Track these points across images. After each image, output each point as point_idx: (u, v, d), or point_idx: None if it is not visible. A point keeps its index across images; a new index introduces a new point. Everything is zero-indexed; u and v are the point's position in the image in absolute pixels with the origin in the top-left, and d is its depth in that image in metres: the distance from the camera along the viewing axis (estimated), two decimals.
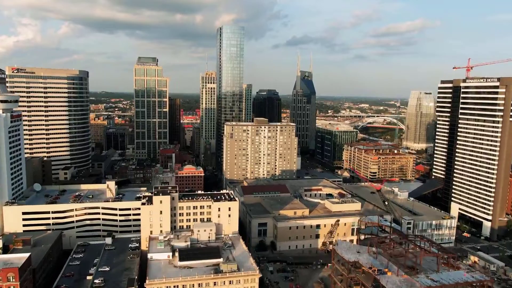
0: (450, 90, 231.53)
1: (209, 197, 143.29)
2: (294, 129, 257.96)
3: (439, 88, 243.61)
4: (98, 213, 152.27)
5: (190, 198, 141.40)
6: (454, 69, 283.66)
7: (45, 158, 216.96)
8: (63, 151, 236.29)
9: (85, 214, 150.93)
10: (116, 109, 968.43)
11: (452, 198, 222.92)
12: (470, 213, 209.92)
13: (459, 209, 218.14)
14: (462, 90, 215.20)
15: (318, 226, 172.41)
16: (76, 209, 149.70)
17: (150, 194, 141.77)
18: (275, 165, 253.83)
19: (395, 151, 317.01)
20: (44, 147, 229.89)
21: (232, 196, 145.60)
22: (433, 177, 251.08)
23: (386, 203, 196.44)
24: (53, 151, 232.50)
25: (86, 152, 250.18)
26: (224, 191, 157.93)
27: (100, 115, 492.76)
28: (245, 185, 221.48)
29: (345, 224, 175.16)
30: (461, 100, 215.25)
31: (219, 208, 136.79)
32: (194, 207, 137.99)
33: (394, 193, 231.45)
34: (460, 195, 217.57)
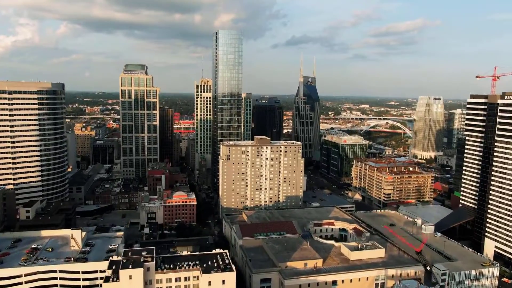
0: (484, 107, 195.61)
1: (197, 263, 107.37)
2: (300, 148, 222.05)
3: (469, 103, 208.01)
4: (56, 278, 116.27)
5: (171, 266, 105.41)
6: (477, 78, 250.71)
7: (7, 189, 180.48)
8: (33, 177, 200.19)
9: (38, 280, 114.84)
10: (112, 112, 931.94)
11: (486, 234, 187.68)
12: (511, 253, 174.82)
13: (496, 247, 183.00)
14: (500, 108, 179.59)
15: (334, 283, 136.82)
16: (24, 274, 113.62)
17: (118, 258, 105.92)
18: (279, 191, 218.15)
19: (411, 169, 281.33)
20: (10, 175, 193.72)
21: (227, 262, 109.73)
22: (460, 205, 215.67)
23: (428, 267, 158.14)
24: (21, 179, 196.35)
25: (61, 176, 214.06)
26: (217, 251, 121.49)
27: (89, 124, 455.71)
28: (244, 219, 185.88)
29: (367, 278, 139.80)
30: (498, 120, 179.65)
31: (209, 282, 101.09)
32: (176, 279, 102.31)
33: (416, 226, 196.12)
34: (496, 230, 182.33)
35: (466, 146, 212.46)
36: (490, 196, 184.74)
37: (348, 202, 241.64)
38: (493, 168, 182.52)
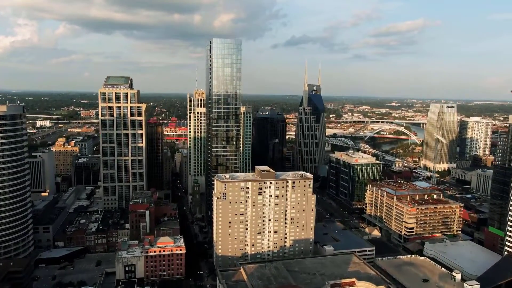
0: None
1: None
2: (311, 182, 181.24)
3: None
4: None
5: None
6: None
7: None
8: None
9: None
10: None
11: None
12: None
13: None
14: None
15: None
16: None
17: None
18: (285, 234, 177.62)
19: (435, 196, 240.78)
20: None
21: None
22: (506, 252, 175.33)
23: None
24: None
25: (22, 218, 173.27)
26: None
27: (75, 137, 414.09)
28: (243, 277, 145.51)
29: None
30: None
31: None
32: None
33: (455, 281, 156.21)
34: None
35: None
36: None
37: (366, 243, 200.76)
38: None
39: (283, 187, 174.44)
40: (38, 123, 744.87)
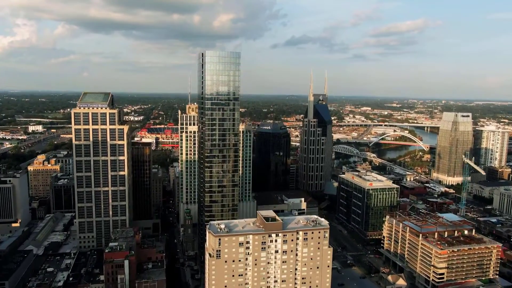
0: None
1: None
2: (327, 232, 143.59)
3: None
4: None
5: None
6: None
7: None
8: None
9: None
10: None
11: None
12: None
13: None
14: None
15: None
16: None
17: None
18: None
19: (466, 232, 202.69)
20: None
21: None
22: None
23: None
24: None
25: None
26: None
27: (58, 152, 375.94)
28: None
29: None
30: None
31: None
32: None
33: None
34: None
35: None
36: None
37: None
38: None
39: (292, 240, 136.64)
40: (30, 128, 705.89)
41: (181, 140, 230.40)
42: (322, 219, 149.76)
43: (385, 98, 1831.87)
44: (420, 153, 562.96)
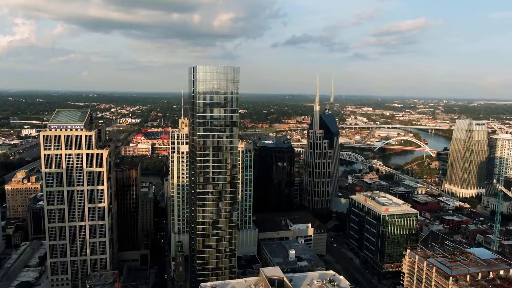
0: None
1: None
2: None
3: None
4: None
5: None
6: None
7: None
8: None
9: None
10: (100, 122, 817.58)
11: None
12: None
13: None
14: None
15: None
16: None
17: None
18: None
19: (501, 272, 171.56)
20: None
21: None
22: None
23: None
24: None
25: None
26: None
27: (35, 171, 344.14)
28: None
29: None
30: None
31: None
32: None
33: None
34: None
35: None
36: None
37: None
38: None
39: None
40: (23, 132, 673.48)
41: (172, 161, 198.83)
42: (341, 277, 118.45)
43: (386, 98, 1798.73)
44: (428, 159, 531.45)
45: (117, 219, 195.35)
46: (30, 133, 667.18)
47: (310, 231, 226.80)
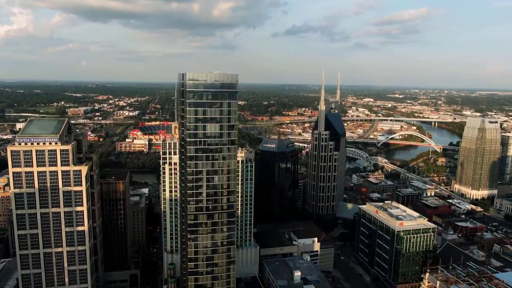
0: None
1: None
2: None
3: None
4: None
5: None
6: None
7: None
8: None
9: None
10: (98, 114, 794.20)
11: None
12: None
13: None
14: None
15: None
16: None
17: None
18: None
19: None
20: None
21: None
22: None
23: None
24: None
25: None
26: None
27: None
28: None
29: None
30: None
31: None
32: None
33: None
34: None
35: None
36: None
37: None
38: None
39: None
40: (18, 126, 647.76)
41: (164, 173, 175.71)
42: None
43: (387, 88, 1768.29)
44: (433, 155, 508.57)
45: (102, 237, 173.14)
46: None
47: (316, 246, 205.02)
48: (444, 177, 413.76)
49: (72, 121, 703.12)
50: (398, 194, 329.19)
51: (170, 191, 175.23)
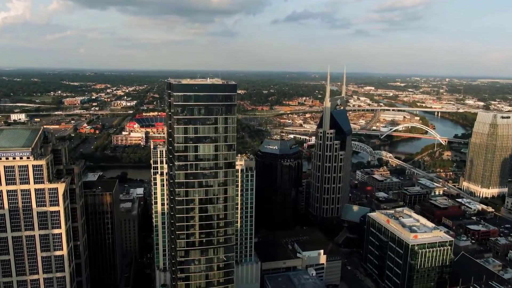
0: None
1: None
2: None
3: None
4: None
5: None
6: None
7: None
8: None
9: None
10: (95, 104, 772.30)
11: None
12: None
13: None
14: None
15: None
16: None
17: None
18: None
19: None
20: None
21: None
22: None
23: None
24: None
25: None
26: None
27: None
28: None
29: None
30: None
31: None
32: None
33: None
34: None
35: None
36: None
37: None
38: None
39: None
40: (13, 117, 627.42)
41: (155, 184, 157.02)
42: None
43: (387, 75, 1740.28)
44: (439, 148, 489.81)
45: (88, 255, 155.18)
46: (20, 119, 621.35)
47: (323, 259, 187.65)
48: (451, 173, 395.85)
49: (68, 112, 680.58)
50: (405, 193, 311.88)
51: (162, 204, 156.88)
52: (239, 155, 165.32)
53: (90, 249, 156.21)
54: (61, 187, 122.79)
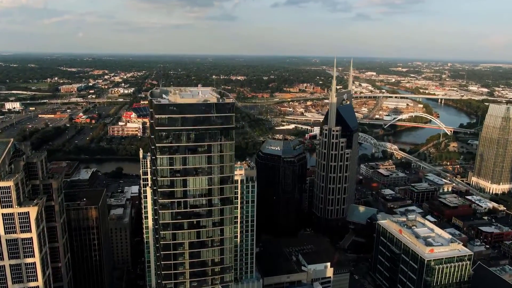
0: None
1: None
2: None
3: None
4: None
5: None
6: None
7: None
8: None
9: None
10: (92, 92, 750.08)
11: None
12: None
13: None
14: None
15: None
16: None
17: None
18: None
19: None
20: None
21: None
22: None
23: None
24: None
25: None
26: None
27: None
28: None
29: None
30: None
31: None
32: None
33: None
34: None
35: None
36: None
37: None
38: None
39: None
40: (7, 106, 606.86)
41: (145, 197, 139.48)
42: None
43: (388, 60, 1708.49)
44: (444, 139, 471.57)
45: (72, 276, 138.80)
46: (14, 107, 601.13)
47: (329, 272, 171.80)
48: (459, 166, 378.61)
49: (64, 100, 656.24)
50: (412, 190, 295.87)
51: (154, 224, 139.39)
52: (238, 162, 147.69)
53: (74, 270, 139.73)
54: (33, 211, 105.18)
